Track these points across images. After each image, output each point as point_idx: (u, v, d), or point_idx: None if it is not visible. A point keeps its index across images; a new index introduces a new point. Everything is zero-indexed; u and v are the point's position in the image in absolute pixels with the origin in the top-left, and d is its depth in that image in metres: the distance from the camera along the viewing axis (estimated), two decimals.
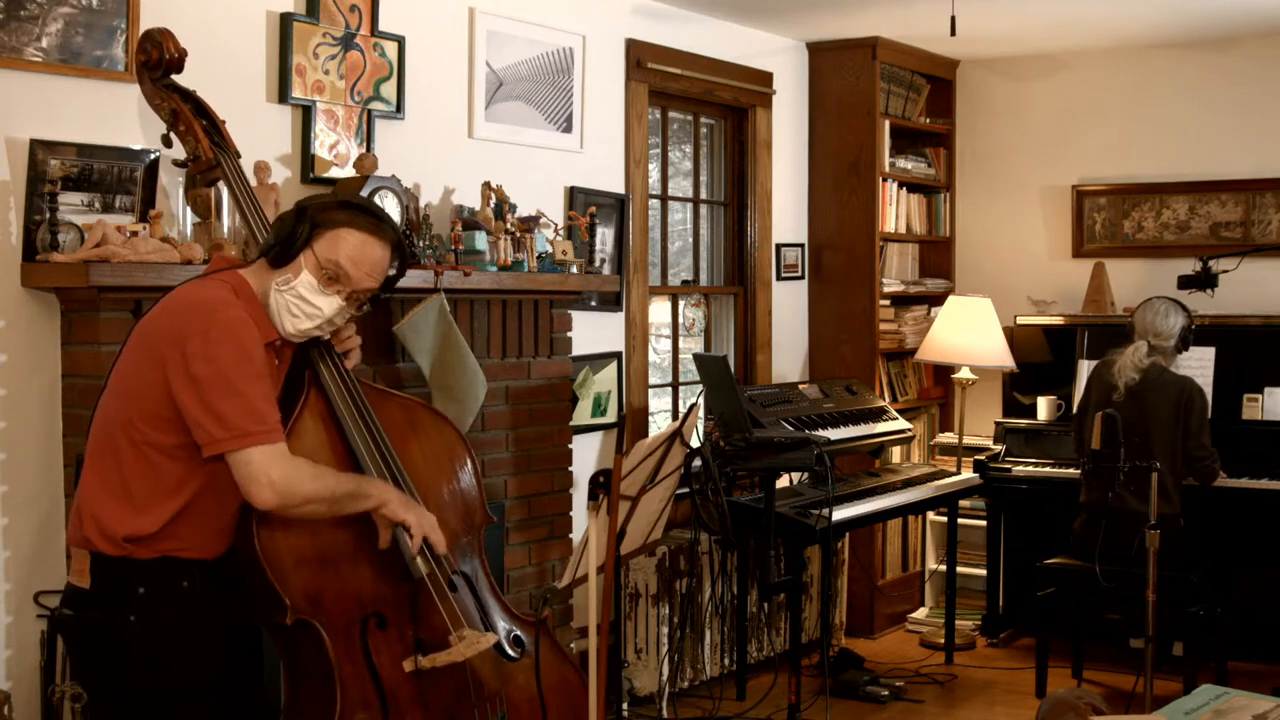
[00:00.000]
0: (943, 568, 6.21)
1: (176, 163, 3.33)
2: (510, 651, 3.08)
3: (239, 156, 3.19)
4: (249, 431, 2.56)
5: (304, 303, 2.72)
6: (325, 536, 2.78)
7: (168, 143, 3.21)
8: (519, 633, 3.12)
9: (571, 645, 4.63)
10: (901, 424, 5.80)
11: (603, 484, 2.94)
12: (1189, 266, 5.85)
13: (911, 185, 6.60)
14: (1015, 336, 6.24)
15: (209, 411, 2.55)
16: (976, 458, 6.03)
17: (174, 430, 2.60)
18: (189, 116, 3.13)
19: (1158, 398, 5.01)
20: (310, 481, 2.64)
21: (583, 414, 4.98)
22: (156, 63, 3.16)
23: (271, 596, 2.72)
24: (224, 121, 3.20)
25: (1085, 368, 5.69)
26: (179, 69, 3.19)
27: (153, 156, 3.56)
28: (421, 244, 4.08)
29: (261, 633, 2.90)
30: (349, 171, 4.08)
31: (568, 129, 4.99)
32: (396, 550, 2.84)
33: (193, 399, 2.56)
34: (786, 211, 6.24)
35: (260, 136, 3.90)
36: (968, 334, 6.07)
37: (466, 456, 3.16)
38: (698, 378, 5.34)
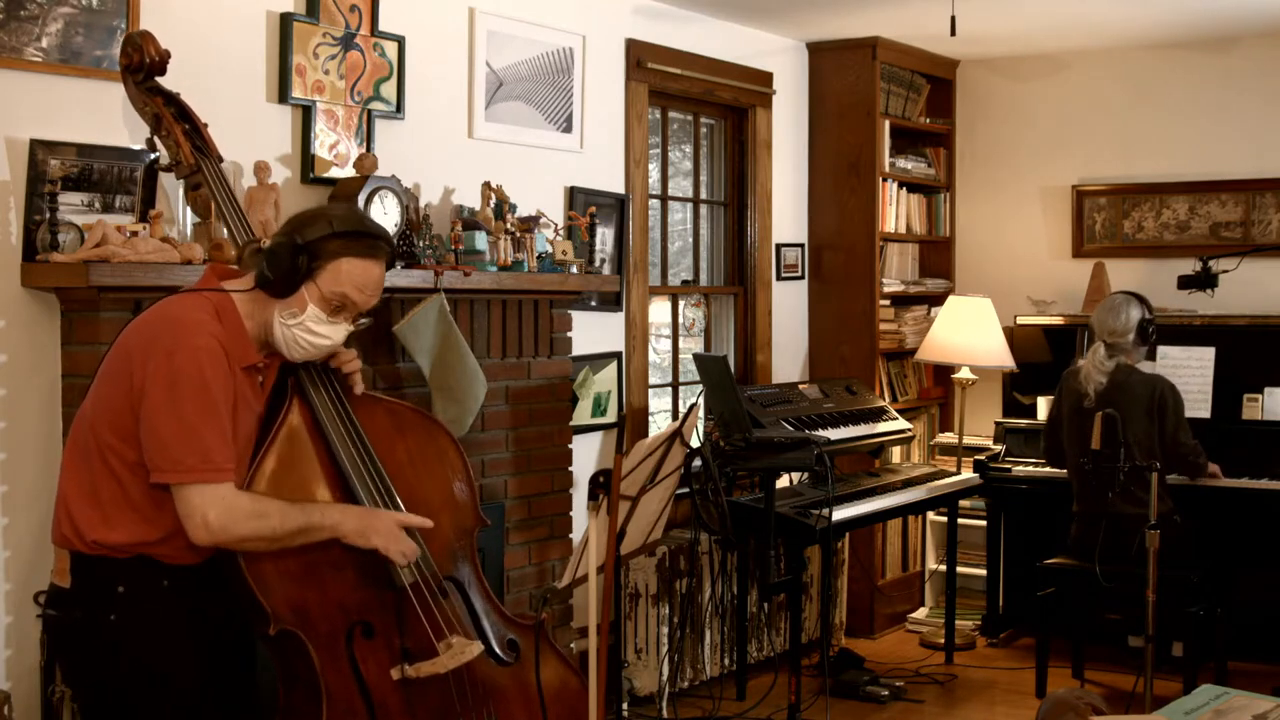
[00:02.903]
0: (943, 568, 6.21)
1: (161, 167, 3.31)
2: (504, 656, 3.06)
3: (221, 160, 3.17)
4: (191, 468, 2.55)
5: (313, 335, 2.72)
6: (311, 546, 2.75)
7: (152, 146, 3.20)
8: (512, 636, 3.10)
9: (571, 645, 4.63)
10: (901, 424, 5.80)
11: (603, 484, 2.94)
12: (1189, 266, 5.85)
13: (911, 185, 6.60)
14: (1015, 336, 6.24)
15: (157, 438, 2.55)
16: (976, 458, 6.03)
17: (135, 444, 2.58)
18: (170, 121, 3.10)
19: (1129, 400, 4.97)
20: (247, 522, 2.61)
21: (583, 414, 4.98)
22: (138, 66, 3.14)
23: (255, 607, 2.71)
24: (206, 125, 3.18)
25: None
26: (161, 71, 3.17)
27: (153, 156, 3.56)
28: (421, 244, 4.08)
29: (253, 631, 2.89)
30: (349, 171, 4.08)
31: (568, 129, 4.99)
32: (382, 558, 2.82)
33: (145, 420, 2.55)
34: (786, 211, 6.24)
35: (260, 136, 3.90)
36: (968, 334, 6.07)
37: (458, 459, 3.12)
38: (698, 378, 5.34)
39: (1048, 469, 5.83)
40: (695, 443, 3.62)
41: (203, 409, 2.56)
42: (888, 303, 6.44)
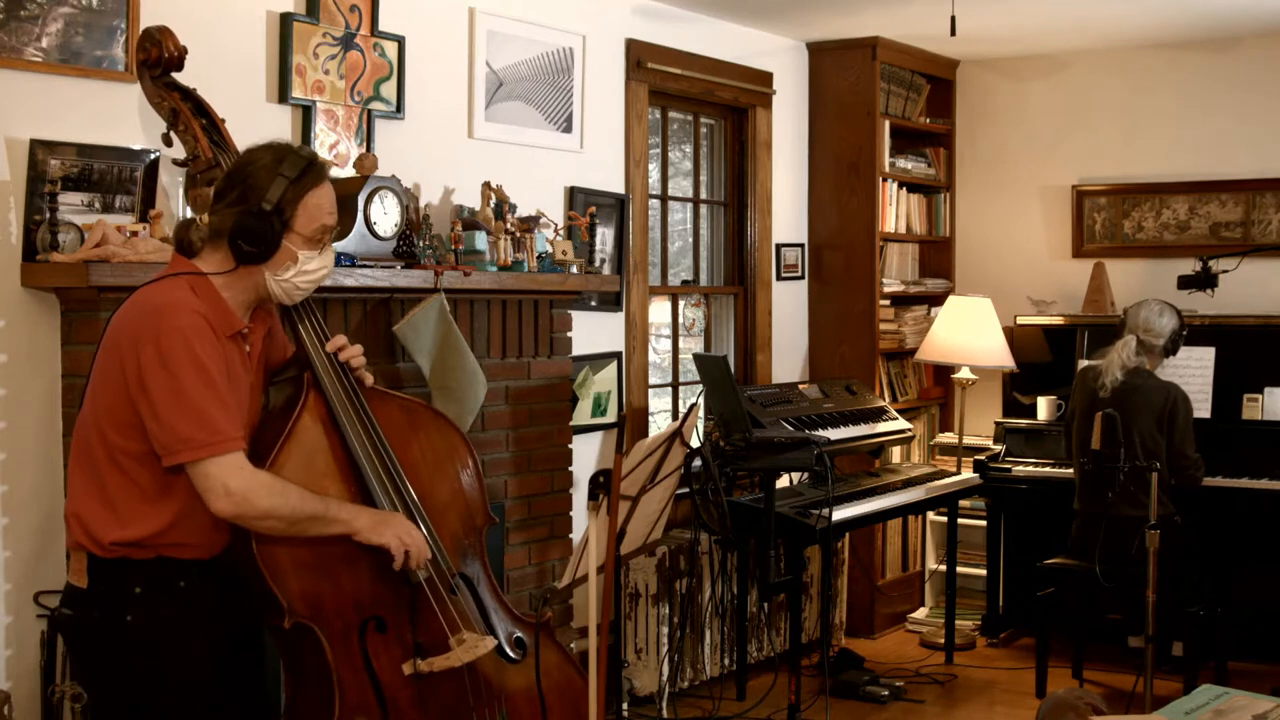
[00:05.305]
0: (943, 568, 6.21)
1: (177, 162, 3.32)
2: (512, 653, 3.07)
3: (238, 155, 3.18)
4: (204, 443, 2.56)
5: (311, 273, 2.77)
6: (325, 539, 2.77)
7: (168, 141, 3.21)
8: (520, 634, 3.12)
9: (571, 645, 4.63)
10: (901, 424, 5.80)
11: (603, 484, 2.94)
12: (1189, 266, 5.85)
13: (911, 185, 6.60)
14: (1015, 336, 6.24)
15: (162, 423, 2.56)
16: (976, 458, 6.03)
17: (139, 437, 2.60)
18: (188, 115, 3.12)
19: (1141, 404, 4.97)
20: (268, 495, 2.63)
21: (583, 414, 4.98)
22: (156, 61, 3.16)
23: (269, 599, 2.72)
24: (223, 120, 3.20)
25: None
26: (179, 67, 3.18)
27: (153, 156, 3.56)
28: (421, 244, 4.08)
29: (262, 632, 2.90)
30: (349, 171, 4.08)
31: (568, 129, 4.99)
32: (390, 556, 2.83)
33: (148, 409, 2.56)
34: (786, 211, 6.24)
35: (260, 136, 3.82)
36: (968, 334, 6.07)
37: (469, 457, 3.15)
38: (698, 378, 5.34)
39: (1047, 469, 5.83)
40: (695, 443, 3.62)
41: (201, 384, 2.58)
42: (888, 303, 6.44)
